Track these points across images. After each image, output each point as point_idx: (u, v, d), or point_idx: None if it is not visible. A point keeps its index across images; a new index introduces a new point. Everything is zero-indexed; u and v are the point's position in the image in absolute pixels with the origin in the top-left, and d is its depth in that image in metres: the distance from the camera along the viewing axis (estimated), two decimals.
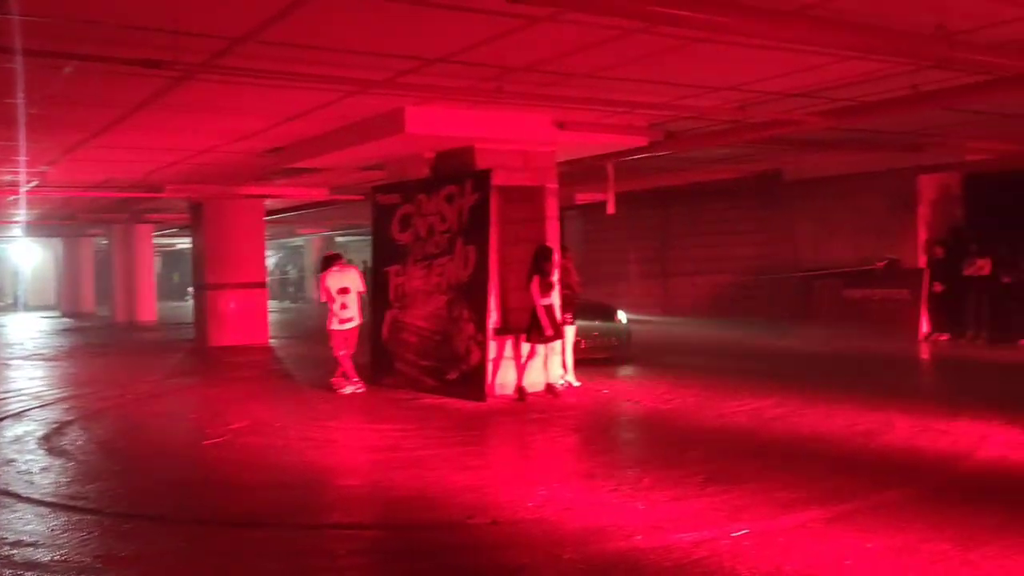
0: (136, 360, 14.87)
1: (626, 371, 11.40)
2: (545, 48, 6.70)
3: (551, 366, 9.77)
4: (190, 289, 31.61)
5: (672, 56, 6.90)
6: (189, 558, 4.82)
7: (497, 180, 9.56)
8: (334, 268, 10.32)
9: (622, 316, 12.85)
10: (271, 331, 17.30)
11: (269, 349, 16.10)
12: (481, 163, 9.64)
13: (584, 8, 5.07)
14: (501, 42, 6.39)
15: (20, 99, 7.84)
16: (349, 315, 10.16)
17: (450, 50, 6.65)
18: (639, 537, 4.79)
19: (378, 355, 10.80)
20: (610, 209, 11.47)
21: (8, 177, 13.64)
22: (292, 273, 39.79)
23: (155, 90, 7.67)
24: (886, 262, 14.10)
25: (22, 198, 16.54)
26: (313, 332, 19.97)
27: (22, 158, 11.48)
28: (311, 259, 36.69)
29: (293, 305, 33.79)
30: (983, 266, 13.07)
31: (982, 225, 14.09)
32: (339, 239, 36.73)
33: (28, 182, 14.15)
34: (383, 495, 5.83)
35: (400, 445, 7.35)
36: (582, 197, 17.49)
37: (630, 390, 9.90)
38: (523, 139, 9.64)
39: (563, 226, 11.74)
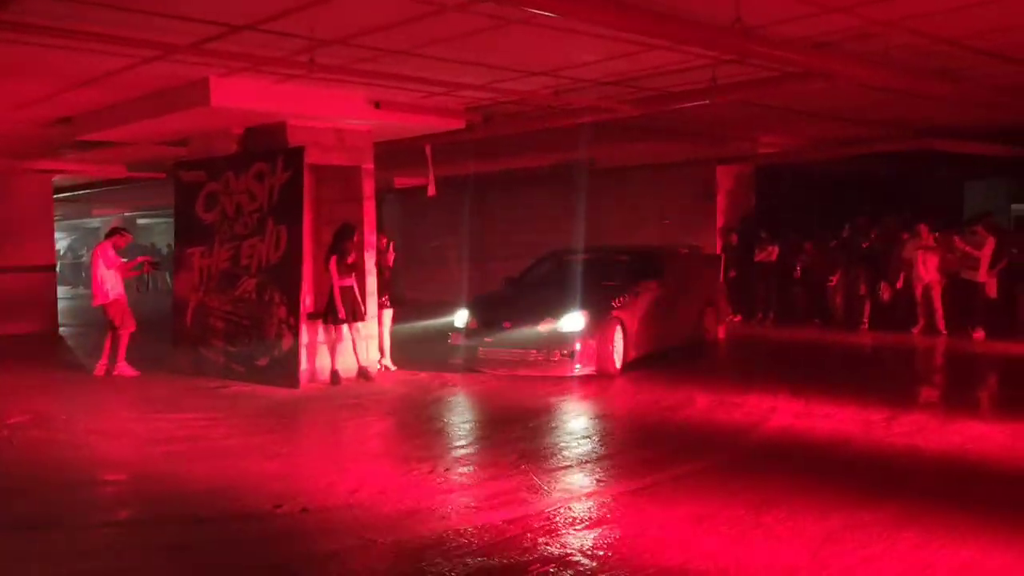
0: None
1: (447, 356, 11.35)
2: (359, 20, 6.45)
3: (363, 350, 9.57)
4: None
5: (488, 37, 6.85)
6: None
7: (310, 158, 9.23)
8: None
9: (577, 318, 9.36)
10: (60, 319, 15.89)
11: (59, 337, 14.79)
12: (293, 140, 9.27)
13: None
14: (312, 10, 6.08)
15: None
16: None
17: (258, 17, 6.26)
18: (453, 518, 4.75)
19: (182, 341, 10.17)
20: (431, 191, 11.36)
21: None
22: (86, 257, 36.89)
23: None
24: (688, 249, 14.87)
25: None
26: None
27: None
28: None
29: (87, 291, 31.31)
30: (772, 252, 14.08)
31: (772, 214, 15.18)
32: (141, 221, 34.46)
33: None
34: (183, 488, 5.44)
35: (203, 435, 6.93)
36: (401, 181, 17.30)
37: (446, 374, 9.85)
38: (338, 117, 9.35)
39: (381, 210, 11.53)
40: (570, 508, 4.89)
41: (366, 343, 9.82)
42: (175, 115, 8.91)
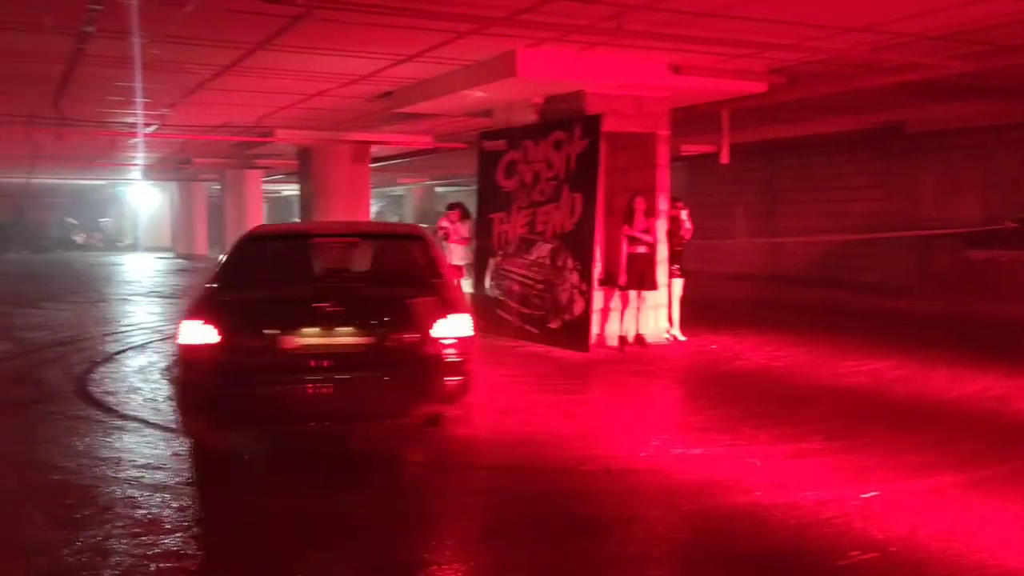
0: None
1: (733, 328, 11.05)
2: None
3: (645, 317, 9.58)
4: None
5: None
6: (305, 491, 4.89)
7: (607, 126, 9.29)
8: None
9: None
10: None
11: None
12: (591, 108, 9.39)
13: None
14: None
15: (143, 39, 8.00)
16: None
17: None
18: (759, 493, 4.61)
19: (482, 302, 10.79)
20: (723, 159, 11.05)
21: (129, 119, 14.09)
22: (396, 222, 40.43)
23: (274, 30, 7.68)
24: (1018, 222, 13.18)
25: (142, 141, 17.17)
26: None
27: (142, 100, 11.81)
28: (412, 208, 37.06)
29: None
30: None
31: None
32: (439, 189, 36.91)
33: (148, 125, 14.62)
34: (493, 437, 5.79)
35: (506, 389, 7.32)
36: (688, 148, 16.97)
37: (737, 346, 9.60)
38: (636, 84, 9.33)
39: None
40: (890, 495, 4.56)
41: (655, 312, 9.82)
42: (483, 86, 9.40)
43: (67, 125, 14.46)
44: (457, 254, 11.26)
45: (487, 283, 10.60)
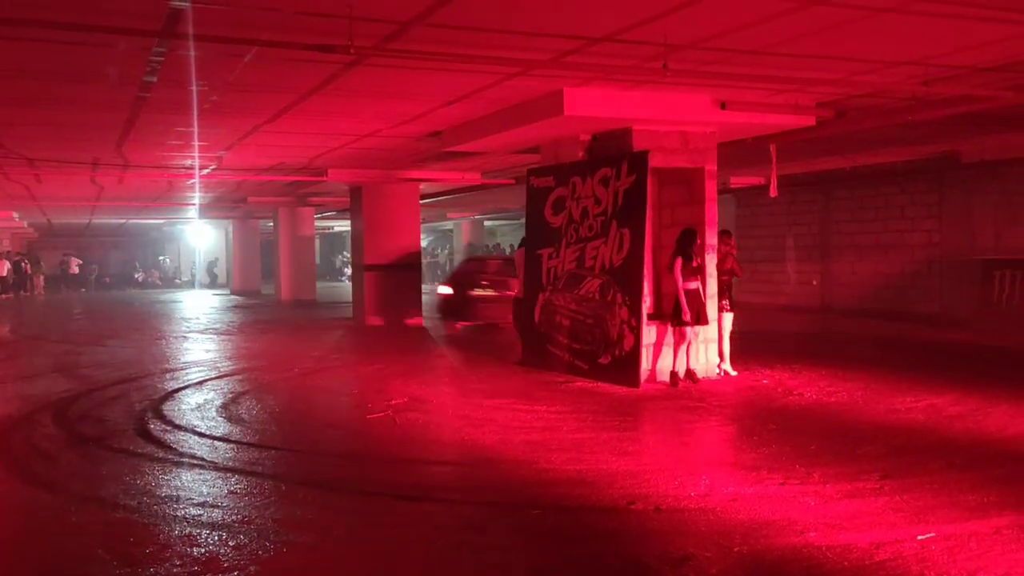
0: (299, 336, 15.64)
1: (786, 362, 10.92)
2: (713, 24, 6.46)
3: (696, 352, 9.56)
4: (347, 269, 33.01)
5: (850, 29, 6.50)
6: (359, 526, 4.97)
7: (654, 162, 9.37)
8: None
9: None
10: (424, 311, 17.73)
11: (423, 329, 16.52)
12: (638, 144, 9.47)
13: None
14: (668, 19, 6.21)
15: (202, 87, 8.32)
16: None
17: (615, 28, 6.52)
18: (813, 534, 4.56)
19: (531, 337, 10.86)
20: (772, 192, 11.01)
21: (188, 162, 14.57)
22: (441, 256, 40.76)
23: (327, 76, 7.94)
24: None
25: (199, 182, 17.70)
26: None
27: (200, 143, 12.23)
28: (460, 242, 37.41)
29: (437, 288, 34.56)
30: None
31: None
32: (488, 223, 37.28)
33: (205, 167, 15.10)
34: (543, 476, 5.82)
35: (556, 427, 7.35)
36: (737, 180, 16.94)
37: (790, 381, 9.50)
38: (682, 120, 9.41)
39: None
40: (948, 536, 4.47)
41: (705, 346, 9.79)
42: (530, 126, 9.55)
43: (129, 168, 15.01)
44: None
45: (536, 318, 10.67)
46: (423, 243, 38.53)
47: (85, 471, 6.18)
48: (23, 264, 34.54)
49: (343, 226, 35.58)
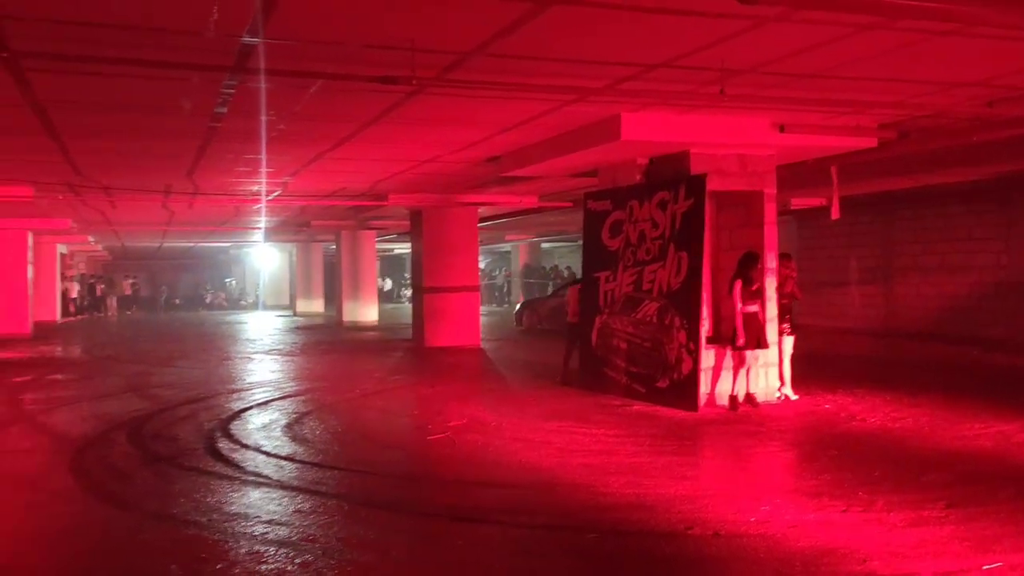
0: (360, 358, 15.90)
1: (848, 386, 10.73)
2: (770, 49, 6.47)
3: (756, 376, 9.48)
4: (406, 292, 33.45)
5: (910, 52, 6.44)
6: (420, 547, 5.07)
7: (712, 185, 9.35)
8: None
9: None
10: (482, 334, 17.86)
11: (480, 351, 16.65)
12: (696, 168, 9.47)
13: (822, 6, 4.84)
14: (725, 45, 6.24)
15: (270, 117, 8.61)
16: None
17: (672, 55, 6.57)
18: (876, 563, 4.50)
19: (588, 360, 10.88)
20: (834, 214, 10.89)
21: (254, 187, 15.01)
22: (499, 278, 41.00)
23: (388, 105, 8.15)
24: None
25: (264, 206, 18.21)
26: (519, 336, 20.48)
27: (266, 170, 12.61)
28: (517, 264, 37.60)
29: (499, 309, 34.79)
30: None
31: None
32: (545, 245, 37.38)
33: (271, 192, 15.53)
34: (601, 500, 5.84)
35: (614, 450, 7.36)
36: (798, 202, 16.73)
37: (853, 406, 9.33)
38: (740, 143, 9.38)
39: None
40: (1015, 567, 4.36)
41: (765, 371, 9.69)
42: (587, 150, 9.63)
43: (199, 194, 15.52)
44: None
45: (593, 341, 10.69)
46: (481, 265, 38.89)
47: (158, 489, 6.39)
48: (97, 286, 35.82)
49: (403, 249, 36.08)
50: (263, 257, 38.69)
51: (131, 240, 31.74)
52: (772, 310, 9.76)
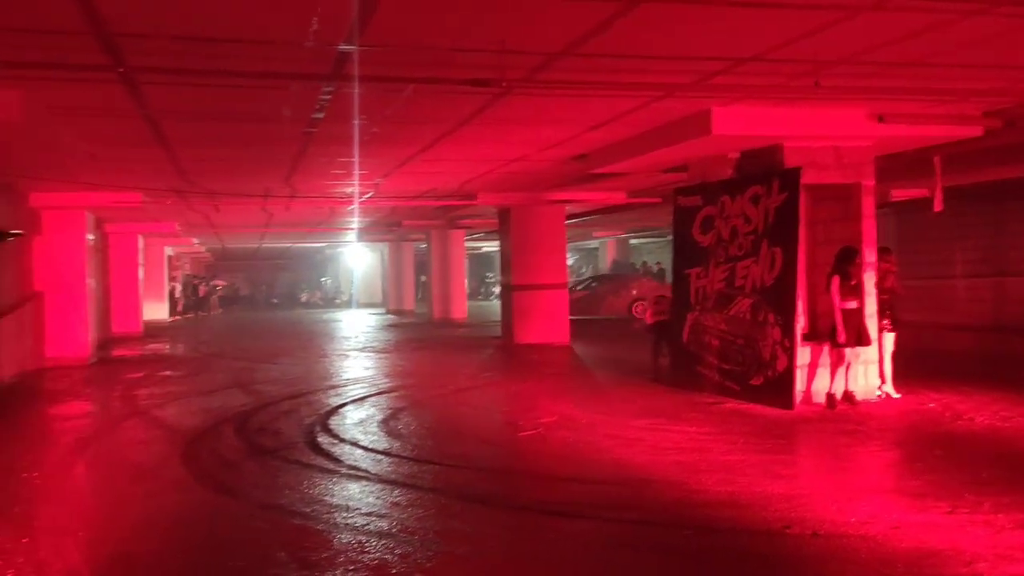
0: (451, 355, 16.18)
1: (954, 384, 10.34)
2: (866, 38, 6.31)
3: (855, 374, 9.24)
4: (495, 289, 33.80)
5: (1013, 38, 6.18)
6: (513, 540, 5.17)
7: (807, 178, 9.16)
8: None
9: None
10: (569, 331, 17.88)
11: (569, 348, 16.69)
12: (789, 161, 9.28)
13: None
14: (818, 36, 6.12)
15: (363, 121, 8.86)
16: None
17: (762, 48, 6.49)
18: (982, 565, 4.37)
19: (679, 357, 10.81)
20: (937, 206, 10.50)
21: (348, 189, 15.44)
22: (586, 275, 40.91)
23: (478, 106, 8.29)
24: None
25: (357, 208, 18.70)
26: (606, 332, 20.44)
27: (360, 172, 12.96)
28: (605, 261, 37.46)
29: None
30: None
31: None
32: (633, 241, 37.14)
33: (364, 194, 15.95)
34: (694, 497, 5.82)
35: (706, 448, 7.31)
36: (899, 193, 16.16)
37: (959, 405, 9.00)
38: (836, 135, 9.16)
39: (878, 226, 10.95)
40: None
41: (864, 368, 9.44)
42: (677, 146, 9.55)
43: (296, 197, 16.06)
44: None
45: (684, 338, 10.61)
46: (569, 261, 38.94)
47: (264, 480, 6.68)
48: (200, 286, 37.32)
49: (492, 247, 36.45)
50: (356, 256, 39.67)
51: (232, 242, 33.02)
52: (871, 306, 9.50)
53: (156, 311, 28.15)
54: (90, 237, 15.99)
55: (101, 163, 11.20)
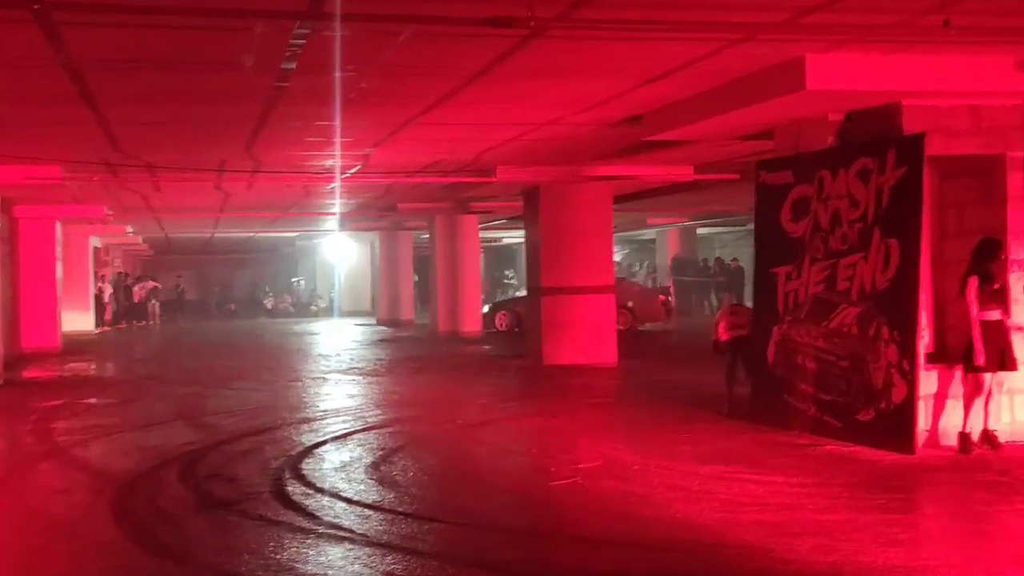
0: (462, 379, 16.24)
1: None
2: None
3: (997, 408, 9.22)
4: (517, 294, 33.91)
5: None
6: None
7: (933, 148, 9.11)
8: None
9: None
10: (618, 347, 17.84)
11: (616, 371, 16.66)
12: (910, 125, 9.24)
13: None
14: None
15: (349, 73, 8.89)
16: None
17: None
18: None
19: (763, 384, 10.77)
20: None
21: (328, 162, 15.53)
22: (639, 274, 40.85)
23: (497, 54, 8.31)
24: None
25: (340, 186, 18.80)
26: (667, 350, 20.39)
27: (343, 140, 13.02)
28: (664, 256, 37.34)
29: None
30: None
31: None
32: (701, 231, 37.05)
33: (349, 168, 16.03)
34: (780, 568, 5.80)
35: (798, 504, 7.29)
36: None
37: None
38: (973, 90, 9.13)
39: None
40: None
41: (1010, 399, 9.37)
42: (760, 106, 9.54)
43: (260, 171, 16.19)
44: None
45: (770, 358, 10.57)
46: (616, 256, 38.86)
47: (217, 541, 6.72)
48: (135, 288, 37.32)
49: (513, 238, 36.48)
50: (338, 250, 39.86)
51: (177, 230, 33.33)
52: (1020, 317, 9.41)
53: (79, 320, 28.45)
54: None
55: (8, 127, 11.33)
